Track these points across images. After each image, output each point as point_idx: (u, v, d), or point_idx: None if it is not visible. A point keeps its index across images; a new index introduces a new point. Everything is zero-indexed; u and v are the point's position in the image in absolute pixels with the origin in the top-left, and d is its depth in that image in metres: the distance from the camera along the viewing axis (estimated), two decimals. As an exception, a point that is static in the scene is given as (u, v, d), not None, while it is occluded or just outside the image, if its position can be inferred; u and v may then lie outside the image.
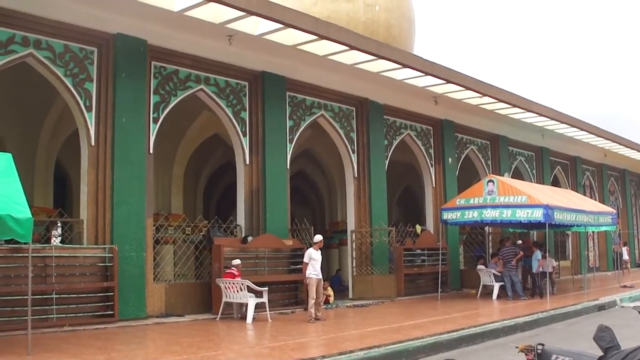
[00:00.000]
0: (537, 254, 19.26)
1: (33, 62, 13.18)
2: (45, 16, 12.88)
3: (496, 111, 22.97)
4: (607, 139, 29.46)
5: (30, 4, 12.62)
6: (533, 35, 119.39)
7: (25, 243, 9.73)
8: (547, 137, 28.03)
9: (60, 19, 13.10)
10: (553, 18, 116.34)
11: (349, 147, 19.57)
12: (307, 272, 13.82)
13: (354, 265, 19.43)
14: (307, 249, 14.46)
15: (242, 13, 13.82)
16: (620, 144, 31.02)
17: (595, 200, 29.74)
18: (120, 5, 13.18)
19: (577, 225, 20.95)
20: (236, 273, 14.07)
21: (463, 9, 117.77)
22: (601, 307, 17.40)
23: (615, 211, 23.20)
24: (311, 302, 13.69)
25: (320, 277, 13.88)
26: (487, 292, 19.26)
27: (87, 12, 13.35)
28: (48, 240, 13.57)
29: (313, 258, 13.84)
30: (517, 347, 5.54)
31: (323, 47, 16.08)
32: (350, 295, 18.95)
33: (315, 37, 15.29)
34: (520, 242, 19.86)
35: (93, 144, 13.79)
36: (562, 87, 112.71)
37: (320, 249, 14.16)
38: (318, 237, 14.36)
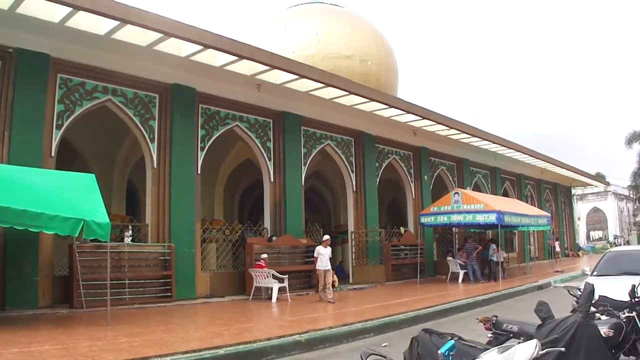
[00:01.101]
0: (492, 247, 19.42)
1: (111, 105, 13.31)
2: (120, 71, 13.05)
3: (460, 140, 22.92)
4: (543, 160, 29.30)
5: (110, 62, 12.78)
6: (491, 75, 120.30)
7: (105, 241, 9.74)
8: (498, 159, 27.91)
9: (132, 72, 13.26)
10: (506, 58, 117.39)
11: (349, 168, 19.57)
12: (317, 265, 13.77)
13: (353, 257, 19.38)
14: (317, 246, 14.39)
15: (268, 67, 13.93)
16: (553, 164, 30.88)
17: (535, 206, 29.60)
18: (176, 62, 13.29)
19: (522, 226, 20.91)
20: (264, 264, 14.07)
21: (434, 59, 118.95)
22: (540, 288, 17.31)
23: (549, 215, 23.13)
24: (320, 288, 13.67)
25: (327, 268, 13.66)
26: (454, 277, 19.13)
27: (151, 68, 13.49)
28: (122, 240, 13.54)
29: (320, 254, 13.75)
30: (477, 319, 5.52)
31: (329, 93, 16.13)
32: (351, 281, 18.85)
33: (323, 85, 15.35)
34: (471, 237, 19.74)
35: (155, 166, 13.87)
36: (513, 114, 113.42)
37: (328, 245, 14.03)
38: (325, 237, 14.28)
